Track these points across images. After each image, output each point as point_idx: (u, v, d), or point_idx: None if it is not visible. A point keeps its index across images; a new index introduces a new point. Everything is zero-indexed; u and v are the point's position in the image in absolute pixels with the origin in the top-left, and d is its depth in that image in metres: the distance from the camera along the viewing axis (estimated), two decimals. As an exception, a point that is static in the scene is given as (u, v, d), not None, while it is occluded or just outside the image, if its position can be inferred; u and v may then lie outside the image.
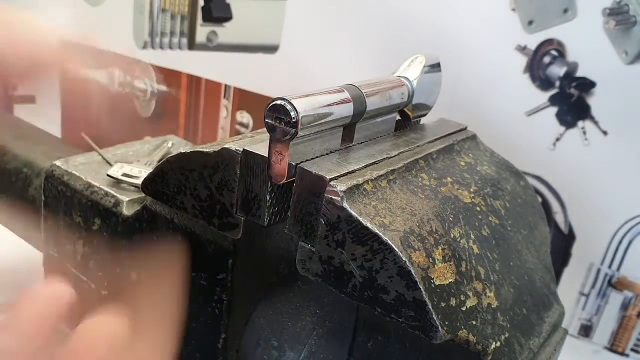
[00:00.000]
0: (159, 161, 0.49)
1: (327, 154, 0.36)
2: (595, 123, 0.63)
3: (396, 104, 0.42)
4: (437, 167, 0.41)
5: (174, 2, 0.88)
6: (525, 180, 0.48)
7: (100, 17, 0.96)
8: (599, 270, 0.67)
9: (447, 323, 0.31)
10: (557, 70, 0.64)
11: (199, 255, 0.42)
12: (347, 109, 0.36)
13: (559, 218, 0.68)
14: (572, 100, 0.64)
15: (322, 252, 0.33)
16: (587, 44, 0.62)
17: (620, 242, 0.65)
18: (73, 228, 0.50)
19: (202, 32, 0.87)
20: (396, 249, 0.31)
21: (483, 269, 0.36)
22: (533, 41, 0.64)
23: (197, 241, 0.42)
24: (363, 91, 0.38)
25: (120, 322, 0.33)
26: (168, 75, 0.93)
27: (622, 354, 0.69)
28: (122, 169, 0.49)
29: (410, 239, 0.32)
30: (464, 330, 0.32)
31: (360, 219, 0.31)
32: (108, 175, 0.49)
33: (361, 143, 0.40)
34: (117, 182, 0.49)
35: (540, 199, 0.67)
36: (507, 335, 0.35)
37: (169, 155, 0.40)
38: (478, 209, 0.39)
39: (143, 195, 0.43)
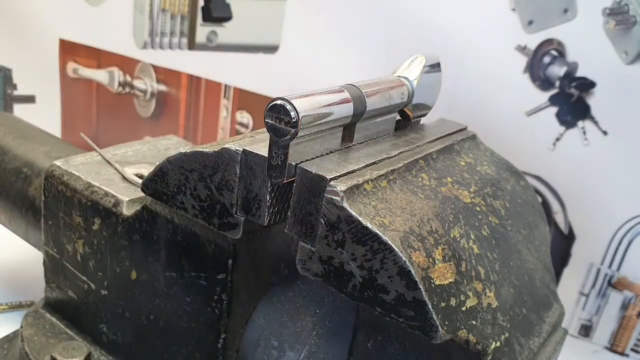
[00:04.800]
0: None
1: (327, 154, 0.36)
2: (595, 123, 0.63)
3: (396, 104, 0.42)
4: (437, 167, 0.41)
5: (174, 2, 0.88)
6: (525, 180, 0.48)
7: (100, 17, 0.96)
8: (599, 270, 0.67)
9: (447, 323, 0.31)
10: (557, 70, 0.64)
11: (199, 255, 0.42)
12: (347, 109, 0.36)
13: (559, 218, 0.68)
14: (572, 100, 0.64)
15: (322, 252, 0.33)
16: (587, 44, 0.62)
17: (620, 242, 0.65)
18: (73, 228, 0.50)
19: (202, 32, 0.87)
20: (396, 249, 0.31)
21: (483, 269, 0.36)
22: (533, 41, 0.64)
23: (197, 241, 0.42)
24: (363, 91, 0.38)
25: None
26: (168, 75, 0.93)
27: (622, 354, 0.69)
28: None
29: (410, 239, 0.32)
30: (464, 330, 0.32)
31: (360, 219, 0.31)
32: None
33: (361, 143, 0.40)
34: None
35: (540, 199, 0.67)
36: (507, 335, 0.35)
37: (169, 156, 0.40)
38: (478, 209, 0.39)
39: (143, 195, 0.43)
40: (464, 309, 0.33)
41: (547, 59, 0.64)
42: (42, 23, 1.01)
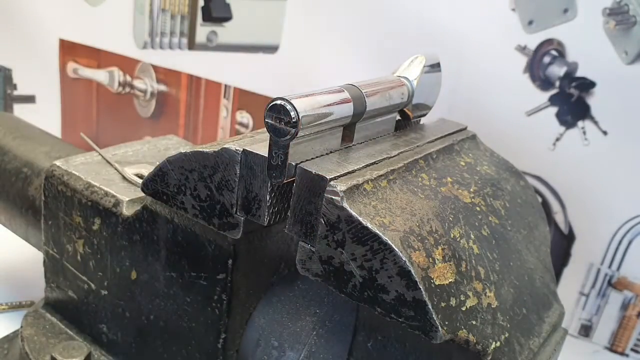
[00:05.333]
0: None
1: (327, 154, 0.36)
2: (595, 123, 0.63)
3: (396, 104, 0.42)
4: (437, 167, 0.41)
5: (174, 2, 0.88)
6: (525, 180, 0.48)
7: (100, 17, 0.96)
8: (599, 270, 0.67)
9: (447, 323, 0.31)
10: (557, 70, 0.64)
11: (199, 255, 0.42)
12: (347, 109, 0.36)
13: (559, 218, 0.68)
14: (572, 100, 0.64)
15: (322, 252, 0.33)
16: (587, 44, 0.62)
17: (620, 242, 0.65)
18: (73, 228, 0.50)
19: (202, 32, 0.87)
20: (396, 249, 0.31)
21: (483, 269, 0.36)
22: (533, 41, 0.64)
23: (197, 241, 0.42)
24: (363, 91, 0.38)
25: None
26: (168, 75, 0.93)
27: (622, 354, 0.69)
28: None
29: (410, 239, 0.32)
30: (464, 330, 0.32)
31: (360, 219, 0.31)
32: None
33: (361, 143, 0.40)
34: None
35: (540, 199, 0.67)
36: (507, 335, 0.35)
37: (169, 156, 0.40)
38: (478, 209, 0.39)
39: (143, 195, 0.43)
40: (464, 309, 0.33)
41: (547, 59, 0.64)
42: (42, 23, 1.01)
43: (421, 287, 0.31)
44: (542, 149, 0.66)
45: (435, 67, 0.45)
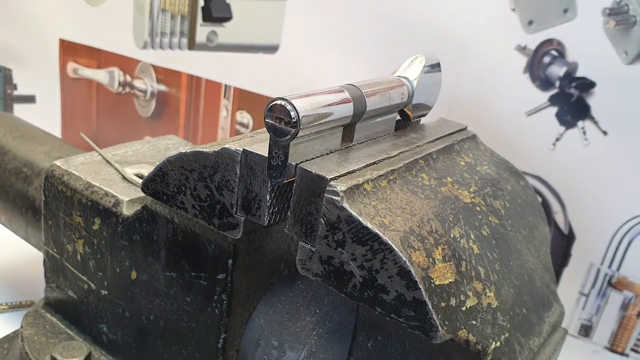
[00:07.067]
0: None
1: (327, 154, 0.36)
2: (595, 123, 0.63)
3: (396, 104, 0.42)
4: (437, 167, 0.41)
5: (174, 2, 0.88)
6: (525, 180, 0.48)
7: (100, 17, 0.96)
8: (599, 270, 0.67)
9: (447, 323, 0.31)
10: (557, 70, 0.64)
11: (199, 255, 0.42)
12: (347, 109, 0.36)
13: (559, 218, 0.68)
14: (572, 100, 0.64)
15: (322, 252, 0.33)
16: (587, 44, 0.62)
17: (620, 242, 0.65)
18: (73, 228, 0.50)
19: (202, 32, 0.87)
20: (396, 249, 0.31)
21: (483, 269, 0.36)
22: (533, 41, 0.64)
23: (197, 241, 0.42)
24: (363, 91, 0.38)
25: None
26: (168, 76, 0.93)
27: (622, 354, 0.69)
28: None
29: (410, 239, 0.32)
30: (464, 330, 0.32)
31: (360, 219, 0.31)
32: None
33: (361, 143, 0.40)
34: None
35: (540, 199, 0.67)
36: (507, 335, 0.35)
37: (169, 156, 0.40)
38: (478, 209, 0.39)
39: (143, 195, 0.43)
40: (464, 309, 0.33)
41: (547, 59, 0.64)
42: (42, 23, 1.01)
43: (421, 287, 0.31)
44: (542, 149, 0.66)
45: (435, 67, 0.45)
